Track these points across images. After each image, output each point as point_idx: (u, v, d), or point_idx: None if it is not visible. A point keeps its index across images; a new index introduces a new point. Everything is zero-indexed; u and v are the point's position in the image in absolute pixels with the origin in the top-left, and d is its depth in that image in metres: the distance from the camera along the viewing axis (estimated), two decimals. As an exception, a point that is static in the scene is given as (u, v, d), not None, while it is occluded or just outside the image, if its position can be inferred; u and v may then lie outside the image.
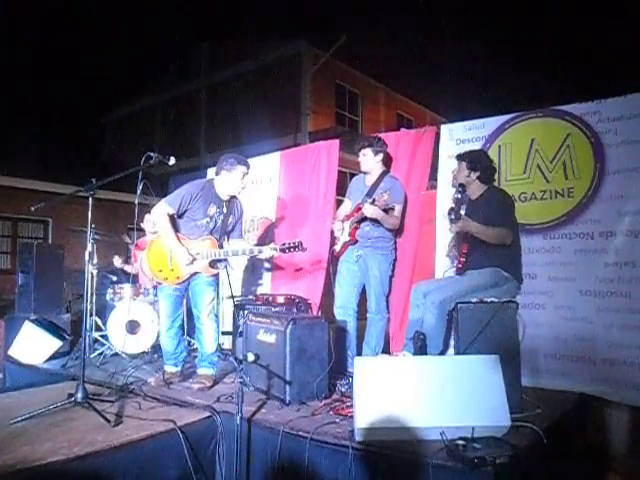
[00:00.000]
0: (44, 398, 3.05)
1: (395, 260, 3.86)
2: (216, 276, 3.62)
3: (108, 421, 2.62)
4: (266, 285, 4.93)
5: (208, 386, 3.42)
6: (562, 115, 3.60)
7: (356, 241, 3.76)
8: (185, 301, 3.81)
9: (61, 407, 2.81)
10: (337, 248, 3.87)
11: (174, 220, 3.49)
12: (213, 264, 3.49)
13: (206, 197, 3.47)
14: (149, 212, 4.16)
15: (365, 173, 3.86)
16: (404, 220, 3.92)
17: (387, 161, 3.98)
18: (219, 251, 3.46)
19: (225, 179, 3.49)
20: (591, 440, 3.16)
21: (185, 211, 3.46)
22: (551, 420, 2.67)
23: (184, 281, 3.52)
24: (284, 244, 3.34)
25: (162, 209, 3.42)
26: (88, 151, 16.37)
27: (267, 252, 3.39)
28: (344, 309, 3.81)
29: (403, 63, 16.04)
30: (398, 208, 3.70)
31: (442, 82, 16.52)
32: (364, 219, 3.70)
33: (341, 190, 4.73)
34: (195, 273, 3.50)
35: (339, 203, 4.32)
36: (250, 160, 5.28)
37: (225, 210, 3.55)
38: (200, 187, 3.49)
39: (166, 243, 3.44)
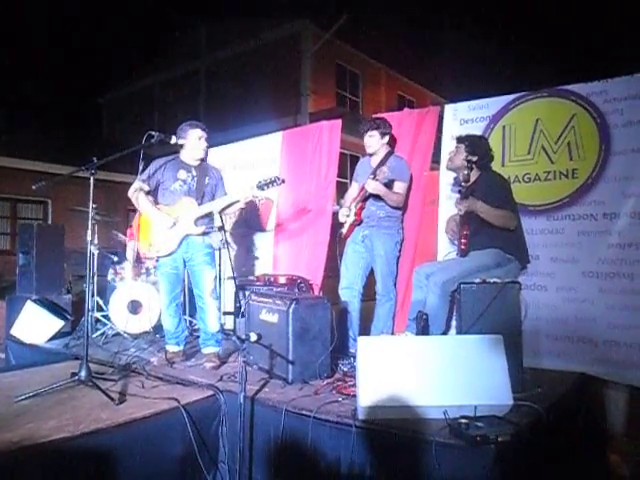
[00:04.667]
0: (48, 377, 3.07)
1: (402, 240, 3.84)
2: (212, 255, 3.61)
3: (112, 399, 2.65)
4: (267, 266, 4.93)
5: (219, 364, 3.44)
6: (568, 95, 3.56)
7: (361, 221, 3.75)
8: (186, 281, 3.82)
9: (65, 385, 2.83)
10: (344, 231, 3.86)
11: (152, 196, 3.61)
12: (198, 222, 3.49)
13: (173, 165, 3.59)
14: None
15: (371, 155, 3.83)
16: (407, 200, 3.90)
17: (392, 143, 3.95)
18: (200, 208, 3.48)
19: (185, 146, 3.56)
20: (591, 420, 3.19)
21: (158, 184, 3.57)
22: (552, 400, 2.69)
23: (176, 249, 3.50)
24: (260, 182, 3.32)
25: (134, 185, 3.57)
26: (86, 132, 16.24)
27: (244, 193, 3.33)
28: (350, 290, 3.81)
29: (404, 44, 15.83)
30: (402, 185, 3.68)
31: (444, 63, 16.34)
32: (368, 197, 3.69)
33: (341, 171, 4.70)
34: (191, 253, 3.53)
35: (339, 184, 4.30)
36: (252, 140, 5.33)
37: (195, 173, 3.58)
38: (166, 159, 3.64)
39: (147, 215, 3.56)
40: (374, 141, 3.76)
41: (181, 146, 3.57)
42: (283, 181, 3.40)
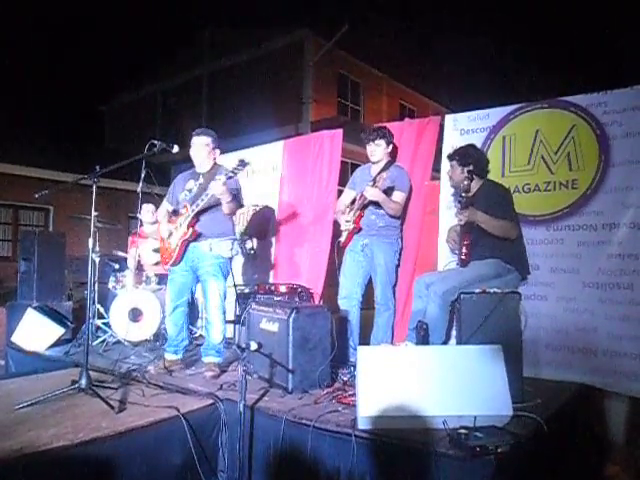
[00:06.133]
0: (48, 384, 3.07)
1: (401, 249, 3.84)
2: (221, 265, 3.58)
3: (112, 407, 2.65)
4: (268, 274, 4.93)
5: (219, 373, 3.44)
6: (567, 106, 3.58)
7: (360, 229, 3.75)
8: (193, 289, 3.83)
9: (65, 393, 2.83)
10: (342, 239, 3.86)
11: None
12: (189, 227, 3.46)
13: (185, 177, 3.70)
14: (147, 202, 4.17)
15: (374, 163, 3.84)
16: (407, 210, 3.91)
17: (394, 152, 3.97)
18: (187, 212, 3.47)
19: (192, 153, 3.61)
20: (591, 430, 3.19)
21: (177, 199, 3.68)
22: (552, 410, 2.69)
23: (177, 258, 3.52)
24: (227, 171, 3.21)
25: (161, 206, 3.80)
26: (88, 139, 16.33)
27: (214, 186, 3.24)
28: (348, 299, 3.81)
29: (406, 53, 15.94)
30: (400, 195, 3.68)
31: (445, 72, 16.44)
32: (367, 205, 3.70)
33: (342, 180, 4.72)
34: (197, 262, 3.54)
35: (340, 193, 4.31)
36: (253, 149, 5.35)
37: (202, 180, 3.57)
38: (184, 173, 3.77)
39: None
40: (380, 150, 3.77)
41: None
42: (247, 164, 3.21)
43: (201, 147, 3.56)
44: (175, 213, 3.66)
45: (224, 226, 3.59)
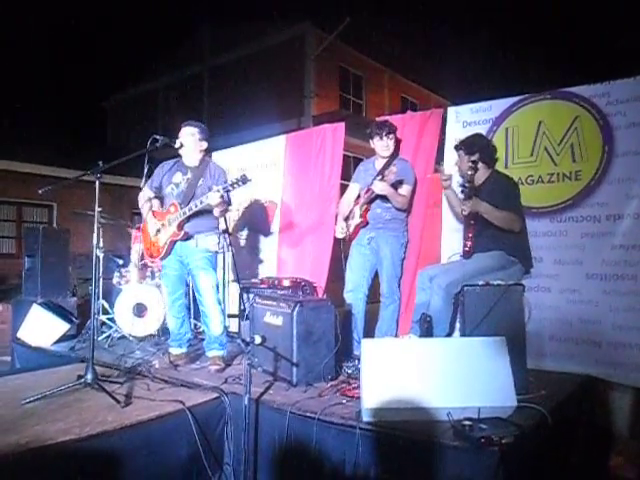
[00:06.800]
0: (54, 379, 3.09)
1: (407, 242, 3.84)
2: (210, 259, 3.57)
3: (118, 402, 2.66)
4: (271, 268, 4.94)
5: (223, 367, 3.45)
6: (570, 97, 3.56)
7: (367, 223, 3.75)
8: (191, 283, 3.84)
9: (71, 388, 2.85)
10: (349, 232, 3.86)
11: (161, 201, 3.68)
12: (185, 226, 3.47)
13: (174, 168, 3.65)
14: None
15: (384, 157, 3.83)
16: (411, 203, 3.91)
17: (397, 145, 3.97)
18: (177, 213, 3.46)
19: (180, 143, 3.58)
20: (595, 421, 3.19)
21: (162, 189, 3.65)
22: (556, 401, 2.69)
23: (164, 254, 3.53)
24: (226, 183, 3.25)
25: (142, 193, 3.70)
26: (91, 136, 16.34)
27: (212, 197, 3.25)
28: (355, 292, 3.81)
29: (408, 46, 15.84)
30: (407, 187, 3.69)
31: (447, 65, 16.34)
32: (374, 199, 3.69)
33: (345, 174, 4.72)
34: (185, 257, 3.55)
35: (343, 187, 4.30)
36: (255, 143, 5.36)
37: (190, 175, 3.56)
38: (171, 162, 3.70)
39: (145, 221, 3.68)
40: (392, 143, 3.78)
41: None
42: (248, 180, 3.23)
43: (187, 137, 3.55)
44: (158, 200, 3.64)
45: (210, 223, 3.58)
